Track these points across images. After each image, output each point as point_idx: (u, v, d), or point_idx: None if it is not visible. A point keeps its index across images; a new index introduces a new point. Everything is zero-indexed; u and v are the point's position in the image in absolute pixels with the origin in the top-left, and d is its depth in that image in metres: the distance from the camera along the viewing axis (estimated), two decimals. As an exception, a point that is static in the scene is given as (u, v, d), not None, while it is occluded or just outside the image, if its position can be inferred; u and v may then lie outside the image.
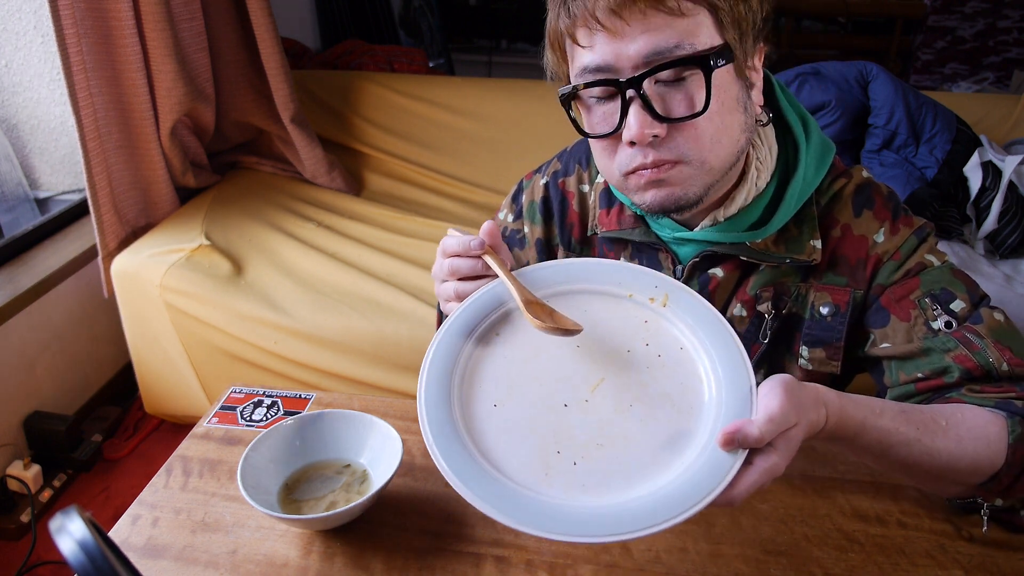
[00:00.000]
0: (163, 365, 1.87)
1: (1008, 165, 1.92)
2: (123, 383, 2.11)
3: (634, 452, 0.60)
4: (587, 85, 0.69)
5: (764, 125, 0.78)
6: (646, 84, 0.66)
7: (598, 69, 0.68)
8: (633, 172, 0.71)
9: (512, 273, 0.69)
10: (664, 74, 0.66)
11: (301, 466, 0.77)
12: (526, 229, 0.94)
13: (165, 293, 1.76)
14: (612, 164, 0.73)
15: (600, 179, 0.90)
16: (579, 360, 0.66)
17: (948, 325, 0.74)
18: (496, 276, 0.70)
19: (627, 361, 0.65)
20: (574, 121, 0.74)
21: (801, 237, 0.78)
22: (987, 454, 0.66)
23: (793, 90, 2.02)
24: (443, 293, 0.73)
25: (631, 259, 0.88)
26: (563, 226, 0.92)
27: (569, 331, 0.64)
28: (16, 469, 1.70)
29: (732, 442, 0.55)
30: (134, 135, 1.91)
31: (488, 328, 0.68)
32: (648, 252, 0.86)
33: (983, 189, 1.93)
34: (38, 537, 1.61)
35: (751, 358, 0.82)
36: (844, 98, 1.99)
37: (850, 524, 0.73)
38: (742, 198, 0.77)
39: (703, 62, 0.65)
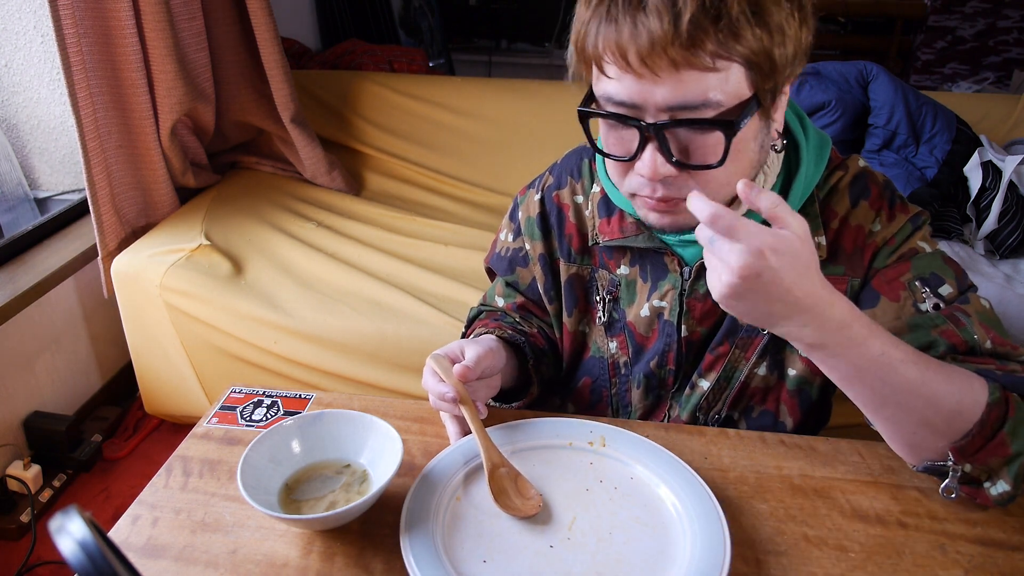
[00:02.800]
0: (163, 365, 1.87)
1: (1008, 165, 1.92)
2: (123, 383, 2.11)
3: (632, 570, 0.66)
4: (608, 116, 0.69)
5: (779, 152, 0.77)
6: (668, 131, 0.66)
7: (622, 104, 0.67)
8: (642, 196, 0.73)
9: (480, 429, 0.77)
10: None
11: (301, 466, 0.77)
12: (527, 246, 0.95)
13: (165, 293, 1.76)
14: (623, 181, 0.74)
15: (596, 189, 0.91)
16: (546, 506, 0.72)
17: (936, 307, 0.76)
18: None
19: (590, 499, 0.73)
20: (589, 137, 0.75)
21: None
22: (969, 401, 0.67)
23: (793, 90, 2.02)
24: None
25: (631, 265, 0.89)
26: (562, 239, 0.93)
27: (528, 516, 0.71)
28: (16, 469, 1.70)
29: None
30: (134, 135, 1.91)
31: (454, 488, 0.74)
32: (652, 257, 0.86)
33: (983, 189, 1.93)
34: (38, 537, 1.61)
35: (753, 351, 0.85)
36: (844, 98, 1.99)
37: (850, 524, 0.73)
38: None
39: (727, 126, 0.64)
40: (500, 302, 0.99)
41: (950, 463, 0.69)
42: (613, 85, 0.66)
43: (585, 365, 0.96)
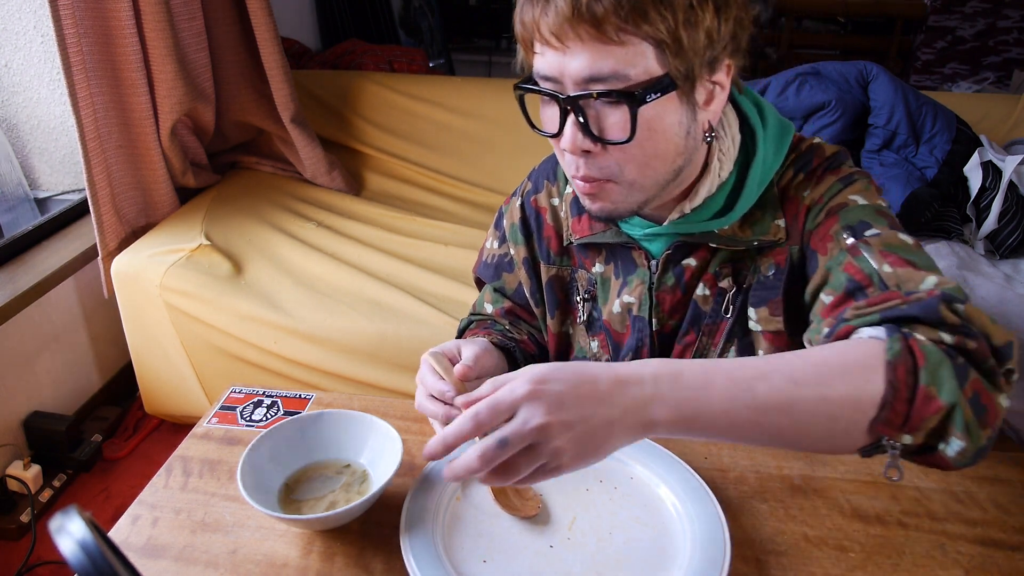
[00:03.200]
0: (163, 365, 1.87)
1: (1008, 165, 1.92)
2: (123, 383, 2.11)
3: (632, 570, 0.66)
4: (533, 91, 0.72)
5: (708, 143, 0.77)
6: (584, 102, 0.68)
7: (546, 78, 0.70)
8: (574, 178, 0.75)
9: None
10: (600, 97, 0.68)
11: (301, 466, 0.77)
12: (512, 251, 0.97)
13: (165, 293, 1.76)
14: (563, 164, 0.76)
15: (569, 190, 0.93)
16: (546, 506, 0.72)
17: (850, 246, 0.73)
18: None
19: (590, 498, 0.73)
20: (527, 116, 0.77)
21: (765, 218, 0.80)
22: (863, 370, 0.58)
23: (793, 90, 2.02)
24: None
25: (606, 263, 0.90)
26: (541, 241, 0.95)
27: (528, 516, 0.71)
28: (16, 469, 1.70)
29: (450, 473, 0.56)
30: (134, 135, 1.91)
31: (454, 488, 0.74)
32: (622, 252, 0.88)
33: (983, 189, 1.93)
34: (38, 537, 1.61)
35: (720, 335, 0.85)
36: (844, 98, 1.99)
37: (850, 524, 0.73)
38: (706, 189, 0.79)
39: (630, 98, 0.66)
40: (489, 308, 1.01)
41: (885, 441, 0.59)
42: (539, 60, 0.70)
43: None
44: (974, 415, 0.57)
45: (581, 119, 0.68)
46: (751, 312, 0.82)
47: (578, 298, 0.93)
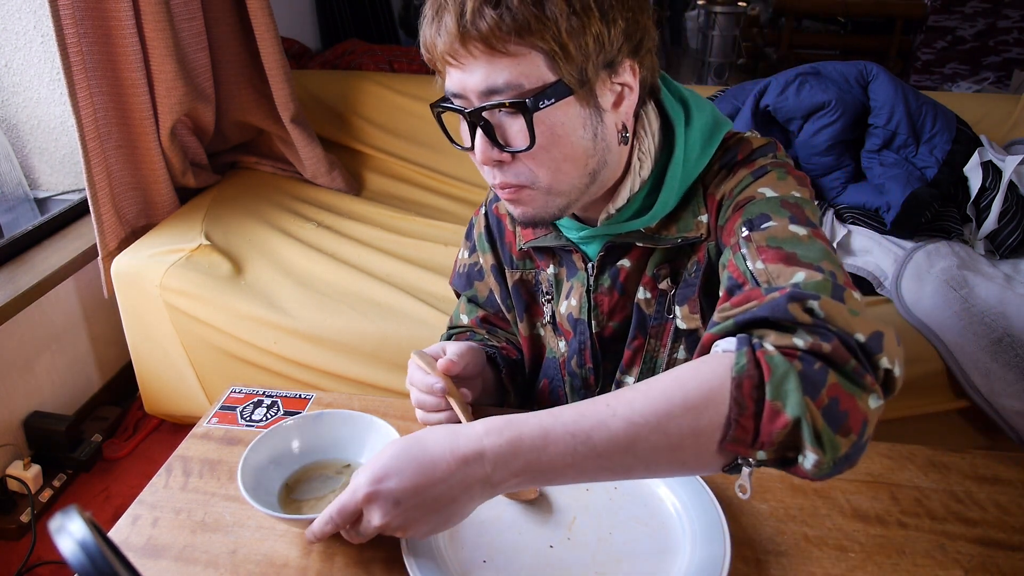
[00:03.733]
0: (163, 365, 1.87)
1: (1008, 165, 1.91)
2: (123, 383, 2.11)
3: (632, 570, 0.66)
4: (443, 109, 0.73)
5: (625, 144, 0.77)
6: (487, 115, 0.69)
7: (455, 95, 0.71)
8: (495, 187, 0.76)
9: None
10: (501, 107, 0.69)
11: (301, 466, 0.77)
12: (480, 260, 0.99)
13: (165, 293, 1.76)
14: (483, 175, 0.78)
15: None
16: (545, 506, 0.73)
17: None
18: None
19: (590, 499, 0.73)
20: (445, 132, 0.78)
21: (687, 215, 0.80)
22: (699, 390, 0.56)
23: (793, 90, 2.02)
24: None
25: (559, 267, 0.91)
26: (504, 247, 0.96)
27: (527, 501, 0.71)
28: (16, 469, 1.70)
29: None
30: (134, 135, 1.91)
31: None
32: (564, 255, 0.89)
33: (983, 189, 1.93)
34: (38, 537, 1.61)
35: (667, 336, 0.85)
36: (844, 98, 1.99)
37: (850, 524, 0.73)
38: (627, 189, 0.79)
39: (522, 106, 0.67)
40: (465, 319, 1.03)
41: (740, 459, 0.57)
42: (447, 79, 0.72)
43: (544, 367, 0.98)
44: (827, 424, 0.54)
45: (487, 131, 0.70)
46: (676, 310, 0.83)
47: (543, 299, 0.94)
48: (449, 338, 1.04)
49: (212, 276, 1.78)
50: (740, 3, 3.66)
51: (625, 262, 0.84)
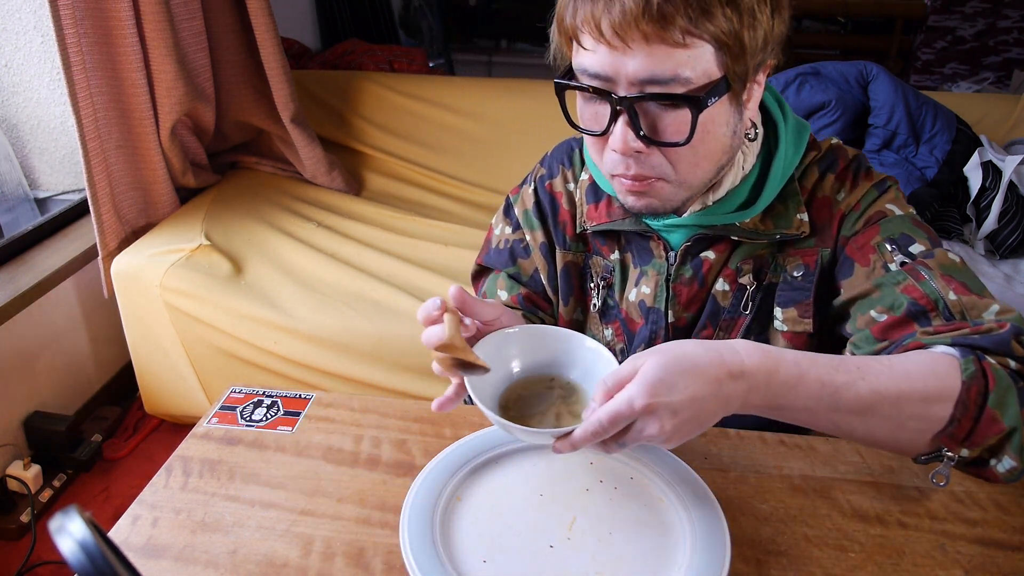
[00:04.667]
0: (163, 365, 1.87)
1: (1008, 165, 1.92)
2: (123, 383, 2.11)
3: (632, 570, 0.66)
4: (578, 88, 0.71)
5: (753, 140, 0.79)
6: (638, 104, 0.67)
7: (596, 76, 0.68)
8: (617, 175, 0.74)
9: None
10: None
11: (508, 385, 0.73)
12: (528, 237, 0.95)
13: (165, 293, 1.76)
14: (601, 161, 0.75)
15: (585, 176, 0.92)
16: (546, 506, 0.72)
17: (903, 264, 0.76)
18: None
19: (590, 499, 0.73)
20: (566, 112, 0.76)
21: (788, 212, 0.80)
22: (937, 384, 0.64)
23: (793, 90, 2.02)
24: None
25: (624, 251, 0.90)
26: (556, 226, 0.93)
27: (476, 367, 0.66)
28: (16, 469, 1.70)
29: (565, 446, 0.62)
30: (134, 135, 1.91)
31: (454, 488, 0.74)
32: (639, 241, 0.87)
33: (983, 189, 1.93)
34: (38, 537, 1.61)
35: (736, 332, 0.85)
36: (844, 98, 1.99)
37: (850, 524, 0.73)
38: (729, 182, 0.79)
39: (693, 102, 0.66)
40: (504, 296, 0.96)
41: (944, 451, 0.66)
42: (589, 57, 0.68)
43: None
44: None
45: (634, 120, 0.68)
46: (777, 312, 0.82)
47: (592, 285, 0.92)
48: None
49: (212, 276, 1.78)
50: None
51: (710, 254, 0.83)
